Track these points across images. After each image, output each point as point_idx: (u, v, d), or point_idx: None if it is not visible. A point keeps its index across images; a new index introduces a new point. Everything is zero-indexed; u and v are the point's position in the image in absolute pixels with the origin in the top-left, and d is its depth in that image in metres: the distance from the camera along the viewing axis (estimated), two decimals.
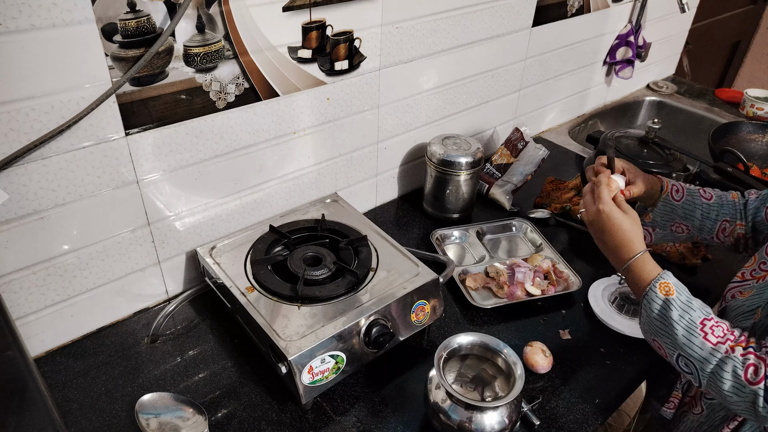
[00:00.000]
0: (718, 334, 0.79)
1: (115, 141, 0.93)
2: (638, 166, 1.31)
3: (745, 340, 0.79)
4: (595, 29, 1.77)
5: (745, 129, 1.72)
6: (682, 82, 2.27)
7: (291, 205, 1.26)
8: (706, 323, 0.80)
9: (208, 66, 0.97)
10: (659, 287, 0.85)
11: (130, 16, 0.85)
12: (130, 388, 0.97)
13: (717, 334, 0.79)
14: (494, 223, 1.38)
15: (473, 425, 0.84)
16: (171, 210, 1.06)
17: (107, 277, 1.04)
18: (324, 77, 1.15)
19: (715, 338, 0.79)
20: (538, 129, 1.86)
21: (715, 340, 0.79)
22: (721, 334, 0.79)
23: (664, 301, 0.84)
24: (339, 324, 0.92)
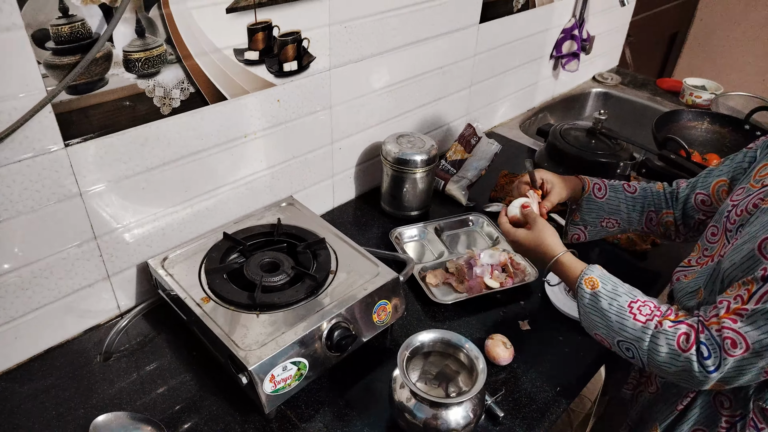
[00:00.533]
0: (645, 312, 0.83)
1: (54, 153, 0.89)
2: (587, 157, 1.35)
3: (672, 312, 0.83)
4: (540, 24, 1.80)
5: (686, 117, 1.79)
6: (626, 73, 2.35)
7: (245, 210, 1.23)
8: (633, 305, 0.85)
9: (150, 71, 0.94)
10: (585, 283, 0.90)
11: (62, 21, 0.81)
12: (83, 409, 0.93)
13: (645, 312, 0.83)
14: (451, 219, 1.40)
15: (439, 422, 0.84)
16: (118, 222, 1.02)
17: (53, 295, 1.00)
18: (273, 79, 1.13)
19: (644, 316, 0.83)
20: (490, 124, 1.89)
21: (644, 318, 0.83)
22: (649, 312, 0.83)
23: (591, 295, 0.88)
24: (300, 330, 0.91)
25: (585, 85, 2.23)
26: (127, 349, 1.05)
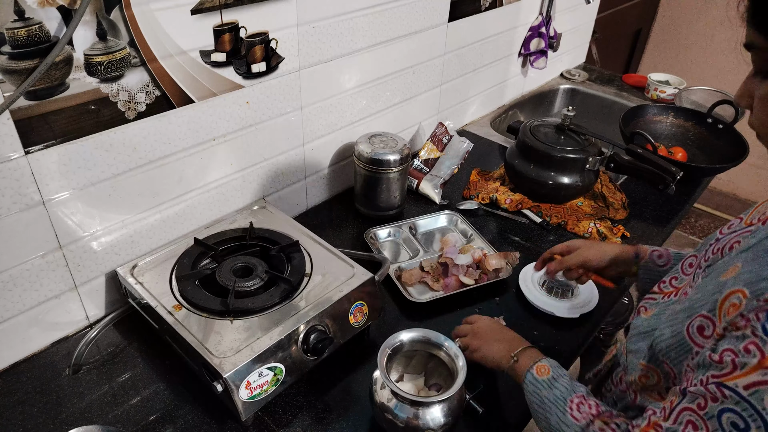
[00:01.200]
0: (583, 410, 0.78)
1: (14, 161, 0.86)
2: (557, 153, 1.37)
3: (612, 415, 0.77)
4: (508, 22, 1.82)
5: (651, 111, 1.83)
6: (593, 69, 2.39)
7: (216, 215, 1.21)
8: (573, 401, 0.80)
9: (113, 75, 0.91)
10: (536, 371, 0.86)
11: (18, 24, 0.78)
12: (52, 425, 0.90)
13: (582, 411, 0.78)
14: (426, 218, 1.40)
15: (420, 421, 0.84)
16: (85, 230, 1.00)
17: (17, 308, 0.96)
18: (241, 81, 1.11)
19: (579, 414, 0.78)
20: (461, 122, 1.90)
21: (579, 417, 0.78)
22: (585, 411, 0.78)
23: (536, 383, 0.84)
24: (275, 335, 0.90)
25: (553, 81, 2.27)
26: (97, 360, 1.02)
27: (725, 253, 0.76)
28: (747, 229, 0.76)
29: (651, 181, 1.38)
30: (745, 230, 0.76)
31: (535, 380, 0.85)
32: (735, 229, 0.80)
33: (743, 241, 0.73)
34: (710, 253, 0.80)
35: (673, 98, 2.08)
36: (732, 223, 0.83)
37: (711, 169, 1.60)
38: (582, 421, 0.77)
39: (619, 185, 1.55)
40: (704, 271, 0.78)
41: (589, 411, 0.78)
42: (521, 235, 1.40)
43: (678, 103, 2.00)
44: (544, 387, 0.83)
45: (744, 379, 0.58)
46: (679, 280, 0.87)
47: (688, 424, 0.62)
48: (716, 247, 0.79)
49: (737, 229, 0.79)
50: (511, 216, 1.45)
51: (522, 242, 1.37)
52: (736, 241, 0.75)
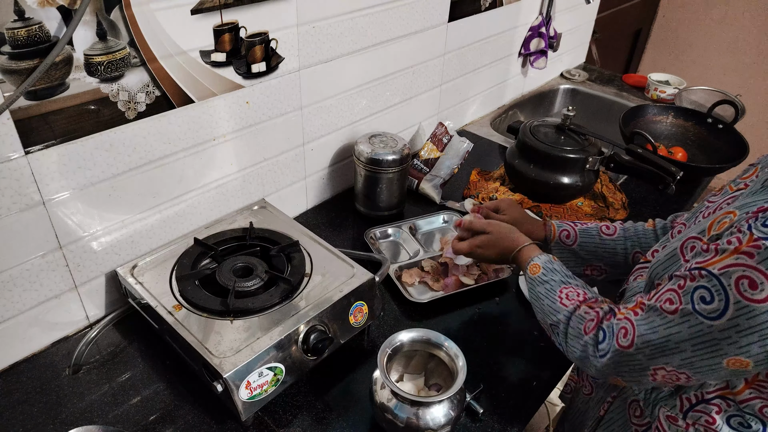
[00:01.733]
0: (571, 297, 0.85)
1: (14, 161, 0.86)
2: (557, 153, 1.37)
3: (597, 300, 0.84)
4: (508, 22, 1.82)
5: (651, 111, 1.83)
6: (593, 69, 2.39)
7: (216, 215, 1.21)
8: (563, 291, 0.87)
9: (113, 75, 0.91)
10: (529, 269, 0.93)
11: (18, 24, 0.78)
12: (53, 425, 0.90)
13: (570, 298, 0.85)
14: (426, 218, 1.40)
15: (420, 421, 0.84)
16: (85, 230, 1.00)
17: (17, 308, 0.96)
18: (241, 80, 1.11)
19: (568, 301, 0.85)
20: (461, 122, 1.90)
21: (567, 303, 0.85)
22: (573, 297, 0.85)
23: (531, 280, 0.92)
24: (275, 334, 0.90)
25: (553, 81, 2.27)
26: (97, 360, 1.02)
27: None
28: (732, 195, 0.81)
29: (651, 181, 1.38)
30: (731, 196, 0.81)
31: (530, 279, 0.92)
32: (725, 195, 0.83)
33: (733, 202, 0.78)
34: (701, 218, 0.83)
35: (673, 98, 2.08)
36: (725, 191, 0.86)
37: (711, 169, 1.60)
38: (570, 306, 0.84)
39: (619, 185, 1.55)
40: None
41: (576, 298, 0.85)
42: None
43: (678, 103, 2.00)
44: (537, 283, 0.91)
45: (720, 263, 0.66)
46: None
47: (666, 300, 0.70)
48: (706, 212, 0.83)
49: (727, 194, 0.83)
50: None
51: None
52: (725, 202, 0.80)
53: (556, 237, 1.07)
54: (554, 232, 1.08)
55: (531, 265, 0.93)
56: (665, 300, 0.71)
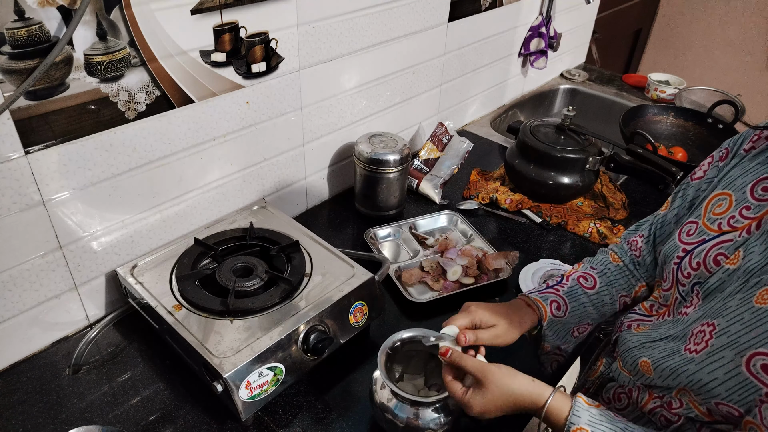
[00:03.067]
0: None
1: (14, 161, 0.86)
2: (557, 153, 1.37)
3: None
4: (508, 22, 1.82)
5: (651, 111, 1.84)
6: (593, 69, 2.39)
7: (216, 215, 1.21)
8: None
9: (113, 75, 0.91)
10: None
11: (18, 24, 0.78)
12: (53, 425, 0.90)
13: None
14: (426, 218, 1.40)
15: (420, 421, 0.84)
16: (85, 230, 1.00)
17: (17, 308, 0.96)
18: (241, 80, 1.11)
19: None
20: (462, 122, 1.90)
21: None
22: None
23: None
24: (275, 334, 0.90)
25: (553, 81, 2.27)
26: (97, 360, 1.02)
27: (711, 267, 0.73)
28: (723, 237, 0.72)
29: (651, 181, 1.38)
30: (723, 239, 0.72)
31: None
32: (703, 237, 0.75)
33: (741, 254, 0.69)
34: (689, 267, 0.75)
35: (673, 98, 2.08)
36: (689, 230, 0.78)
37: None
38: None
39: (619, 185, 1.55)
40: (694, 290, 0.74)
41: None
42: (521, 235, 1.40)
43: (678, 103, 2.00)
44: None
45: None
46: (663, 298, 0.83)
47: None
48: (692, 261, 0.74)
49: (707, 237, 0.74)
50: (511, 216, 1.45)
51: (521, 242, 1.37)
52: (720, 253, 0.72)
53: (548, 316, 0.93)
54: (545, 311, 0.93)
55: (575, 430, 0.70)
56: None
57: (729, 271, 0.70)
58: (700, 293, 0.74)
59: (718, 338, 0.66)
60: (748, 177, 0.74)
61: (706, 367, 0.67)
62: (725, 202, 0.76)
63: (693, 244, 0.76)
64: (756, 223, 0.70)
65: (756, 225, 0.70)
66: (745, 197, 0.73)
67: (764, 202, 0.70)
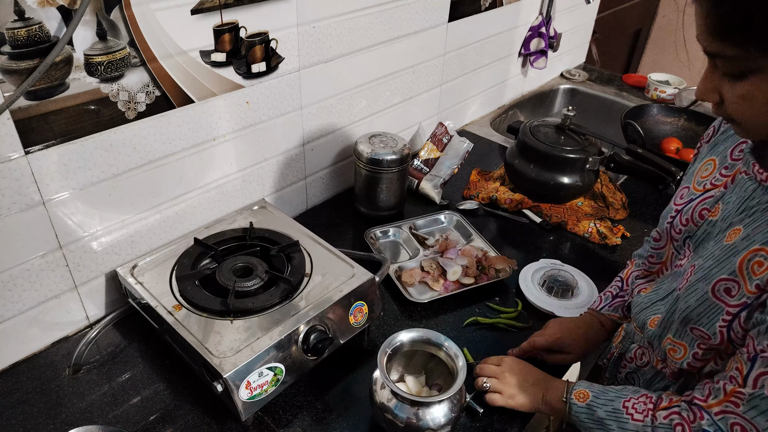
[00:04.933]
0: (640, 409, 0.79)
1: (14, 161, 0.86)
2: (557, 153, 1.37)
3: (663, 399, 0.79)
4: (508, 22, 1.82)
5: (655, 111, 1.84)
6: (593, 69, 2.39)
7: (216, 215, 1.21)
8: (627, 405, 0.80)
9: (113, 75, 0.91)
10: (576, 397, 0.86)
11: (18, 24, 0.78)
12: (53, 425, 0.90)
13: (639, 410, 0.79)
14: (426, 218, 1.40)
15: (420, 421, 0.84)
16: (85, 230, 1.00)
17: (17, 308, 0.96)
18: (241, 80, 1.11)
19: (640, 414, 0.78)
20: (462, 122, 1.90)
21: (641, 417, 0.78)
22: (642, 408, 0.79)
23: (586, 408, 0.84)
24: (275, 334, 0.90)
25: (553, 81, 2.26)
26: (97, 360, 1.02)
27: (697, 221, 0.83)
28: (706, 194, 0.82)
29: (651, 181, 1.38)
30: (706, 196, 0.82)
31: (584, 408, 0.85)
32: (690, 197, 0.85)
33: (720, 206, 0.78)
34: (679, 224, 0.85)
35: (673, 98, 2.08)
36: (681, 194, 0.88)
37: None
38: (647, 420, 0.77)
39: (619, 185, 1.55)
40: (686, 243, 0.85)
41: (645, 407, 0.79)
42: (521, 235, 1.40)
43: (678, 103, 2.00)
44: (596, 407, 0.83)
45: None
46: (656, 257, 0.95)
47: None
48: (682, 218, 0.85)
49: (693, 197, 0.84)
50: (511, 216, 1.45)
51: (521, 242, 1.37)
52: (704, 208, 0.81)
53: (609, 314, 1.06)
54: (614, 320, 1.06)
55: (576, 393, 0.86)
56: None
57: (712, 222, 0.80)
58: (691, 245, 0.84)
59: (695, 274, 0.77)
60: (728, 142, 0.84)
61: (685, 298, 0.77)
62: (710, 166, 0.85)
63: (683, 204, 0.86)
64: (731, 179, 0.79)
65: (731, 180, 0.79)
66: (725, 160, 0.82)
67: (739, 161, 0.79)
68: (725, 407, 0.70)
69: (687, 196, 0.86)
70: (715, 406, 0.71)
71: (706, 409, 0.72)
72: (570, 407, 0.87)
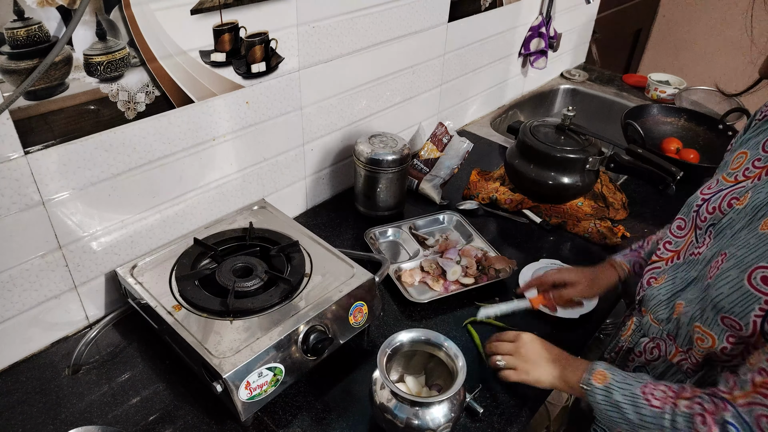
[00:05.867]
0: (658, 395, 0.78)
1: (14, 161, 0.86)
2: (557, 153, 1.36)
3: (685, 390, 0.78)
4: (508, 22, 1.82)
5: (655, 111, 1.84)
6: (593, 69, 2.39)
7: (216, 215, 1.21)
8: (645, 390, 0.79)
9: (113, 75, 0.91)
10: (594, 378, 0.85)
11: (18, 24, 0.78)
12: (52, 425, 0.90)
13: (658, 396, 0.78)
14: (426, 218, 1.40)
15: (420, 421, 0.84)
16: (84, 230, 1.00)
17: (17, 308, 0.96)
18: (241, 81, 1.11)
19: (658, 401, 0.77)
20: (462, 122, 1.90)
21: (659, 404, 0.77)
22: (661, 395, 0.78)
23: (604, 389, 0.83)
24: (275, 335, 0.90)
25: (553, 81, 2.26)
26: (97, 360, 1.02)
27: (724, 210, 0.83)
28: (738, 185, 0.83)
29: (651, 182, 1.38)
30: (737, 187, 0.83)
31: (602, 389, 0.84)
32: (720, 187, 0.86)
33: (749, 195, 0.79)
34: (705, 212, 0.86)
35: (673, 98, 2.08)
36: (710, 185, 0.89)
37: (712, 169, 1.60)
38: (667, 407, 0.76)
39: (619, 185, 1.54)
40: (708, 231, 0.85)
41: (665, 395, 0.78)
42: (521, 235, 1.40)
43: (678, 103, 1.99)
44: (614, 390, 0.82)
45: None
46: (673, 244, 0.94)
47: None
48: (709, 207, 0.86)
49: (723, 187, 0.85)
50: (511, 216, 1.45)
51: (521, 242, 1.37)
52: (734, 197, 0.82)
53: (626, 275, 1.07)
54: (627, 269, 1.07)
55: (595, 374, 0.85)
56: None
57: (737, 210, 0.80)
58: (712, 233, 0.84)
59: (727, 262, 0.76)
60: (761, 136, 0.85)
61: (716, 286, 0.76)
62: (742, 158, 0.86)
63: (711, 194, 0.87)
64: (765, 171, 0.80)
65: (765, 172, 0.79)
66: (758, 152, 0.84)
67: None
68: (753, 399, 0.68)
69: (716, 186, 0.87)
70: (741, 398, 0.70)
71: (730, 401, 0.71)
72: (588, 389, 0.85)
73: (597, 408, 0.85)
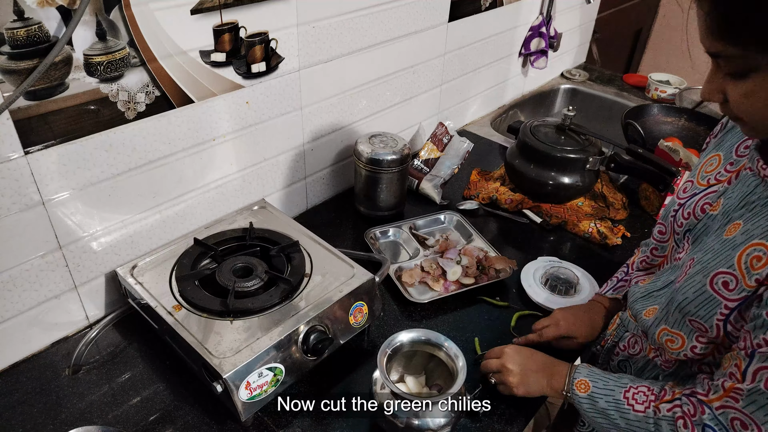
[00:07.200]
0: (640, 400, 0.81)
1: (14, 161, 0.86)
2: (557, 153, 1.36)
3: (666, 392, 0.80)
4: (508, 22, 1.82)
5: (655, 111, 1.83)
6: (593, 69, 2.39)
7: (216, 215, 1.21)
8: (627, 395, 0.82)
9: (113, 75, 0.91)
10: (577, 388, 0.87)
11: (18, 24, 0.78)
12: (52, 425, 0.90)
13: (640, 401, 0.81)
14: (426, 218, 1.40)
15: (420, 421, 0.84)
16: (85, 230, 1.00)
17: (17, 308, 0.96)
18: (241, 80, 1.11)
19: (641, 405, 0.80)
20: (462, 122, 1.90)
21: (642, 408, 0.80)
22: (643, 399, 0.81)
23: (588, 398, 0.86)
24: (275, 335, 0.90)
25: (554, 81, 2.26)
26: (97, 360, 1.02)
27: (698, 215, 0.83)
28: (709, 190, 0.83)
29: (651, 181, 1.38)
30: (709, 191, 0.83)
31: (585, 399, 0.86)
32: (694, 191, 0.86)
33: (722, 201, 0.79)
34: (681, 218, 0.87)
35: (674, 98, 2.07)
36: (684, 187, 0.89)
37: None
38: (649, 411, 0.79)
39: (619, 185, 1.54)
40: (686, 237, 0.86)
41: (645, 398, 0.80)
42: (521, 235, 1.40)
43: (678, 103, 1.99)
44: (598, 398, 0.85)
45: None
46: (659, 250, 0.96)
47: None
48: (684, 212, 0.86)
49: (697, 191, 0.85)
50: (511, 216, 1.45)
51: (522, 242, 1.37)
52: (706, 202, 0.82)
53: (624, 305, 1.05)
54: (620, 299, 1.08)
55: (577, 383, 0.88)
56: (766, 380, 0.67)
57: (712, 216, 0.80)
58: (690, 239, 0.85)
59: (693, 267, 0.78)
60: (734, 139, 0.85)
61: (681, 290, 0.78)
62: (715, 161, 0.86)
63: (686, 198, 0.87)
64: (735, 174, 0.80)
65: (735, 176, 0.80)
66: (731, 155, 0.83)
67: (744, 157, 0.80)
68: (725, 402, 0.71)
69: (690, 190, 0.88)
70: (716, 401, 0.73)
71: (707, 404, 0.74)
72: (572, 398, 0.88)
73: (586, 416, 0.87)
